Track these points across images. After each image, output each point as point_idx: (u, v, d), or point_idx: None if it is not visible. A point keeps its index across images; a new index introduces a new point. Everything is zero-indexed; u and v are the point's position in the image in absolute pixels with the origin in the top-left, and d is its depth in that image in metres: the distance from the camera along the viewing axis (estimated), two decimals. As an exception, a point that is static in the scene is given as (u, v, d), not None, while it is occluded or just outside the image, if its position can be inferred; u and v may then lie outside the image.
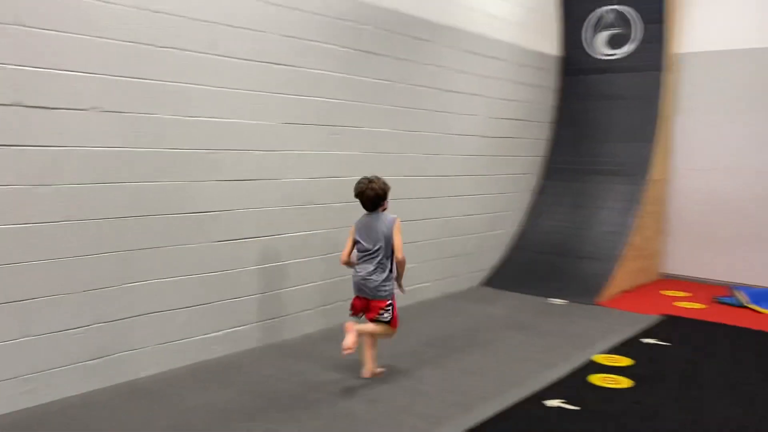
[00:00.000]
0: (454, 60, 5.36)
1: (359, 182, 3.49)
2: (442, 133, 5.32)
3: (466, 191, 5.66)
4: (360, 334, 3.43)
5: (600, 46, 6.51)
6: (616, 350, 4.13)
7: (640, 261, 6.19)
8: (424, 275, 5.29)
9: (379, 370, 3.56)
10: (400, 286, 3.61)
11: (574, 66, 6.68)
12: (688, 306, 5.42)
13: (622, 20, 6.33)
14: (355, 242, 3.53)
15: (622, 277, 5.82)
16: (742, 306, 5.38)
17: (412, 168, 5.06)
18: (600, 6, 6.40)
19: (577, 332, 4.53)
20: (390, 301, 3.51)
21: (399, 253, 3.47)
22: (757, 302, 5.34)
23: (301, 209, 4.23)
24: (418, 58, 5.01)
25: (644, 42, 6.26)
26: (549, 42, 6.61)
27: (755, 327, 4.78)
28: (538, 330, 4.56)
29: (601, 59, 6.53)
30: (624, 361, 3.91)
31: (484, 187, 5.89)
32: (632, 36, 6.32)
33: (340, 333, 3.44)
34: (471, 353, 4.02)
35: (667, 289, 6.06)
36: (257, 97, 3.89)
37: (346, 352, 3.29)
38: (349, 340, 3.31)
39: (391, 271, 3.51)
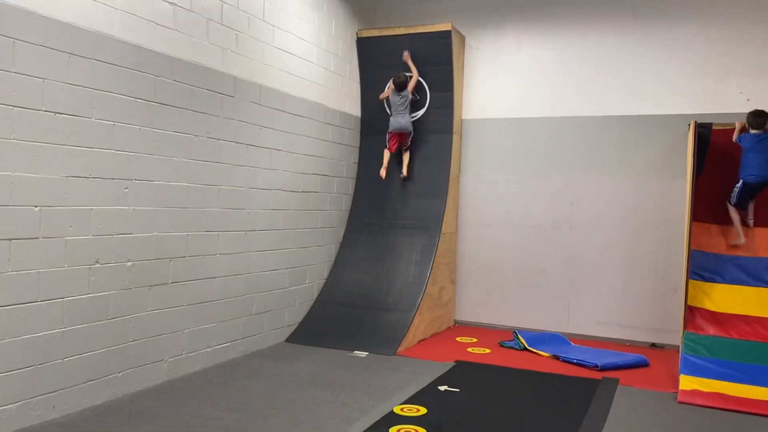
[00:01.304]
0: (258, 116, 5.39)
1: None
2: (245, 188, 5.27)
3: (270, 246, 5.64)
4: None
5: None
6: (413, 400, 4.30)
7: (437, 310, 6.60)
8: (226, 335, 5.12)
9: None
10: None
11: (374, 127, 7.07)
12: (478, 351, 5.86)
13: (417, 88, 6.87)
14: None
15: (420, 327, 6.15)
16: (523, 349, 5.95)
17: (213, 223, 4.93)
18: (394, 74, 6.85)
19: (377, 384, 4.66)
20: None
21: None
22: (533, 345, 5.94)
23: (87, 270, 3.89)
24: (221, 112, 4.96)
25: (436, 108, 6.84)
26: (351, 103, 6.95)
27: (532, 368, 5.31)
28: (340, 385, 4.61)
29: (398, 121, 6.98)
30: (421, 410, 4.09)
31: (289, 242, 5.91)
32: (425, 102, 6.87)
33: (122, 407, 3.18)
34: (274, 416, 3.94)
35: (461, 336, 6.51)
36: (37, 148, 3.56)
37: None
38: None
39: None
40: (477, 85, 7.18)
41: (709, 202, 5.83)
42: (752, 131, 5.53)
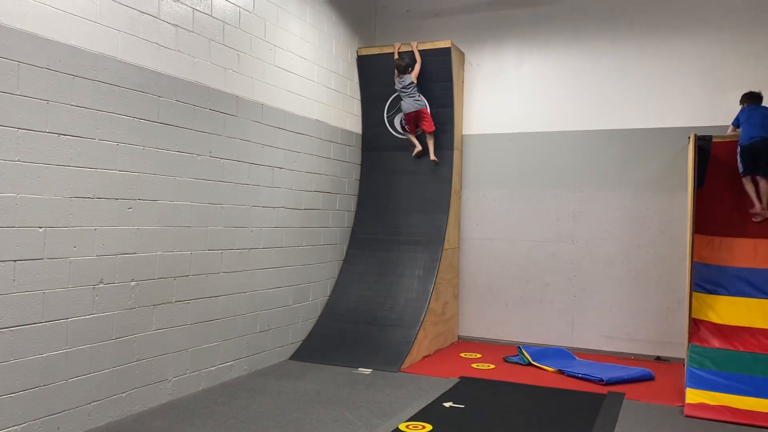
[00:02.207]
0: (260, 134, 5.43)
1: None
2: (248, 206, 5.29)
3: (274, 263, 5.65)
4: None
5: (398, 126, 7.02)
6: (418, 417, 4.29)
7: (440, 326, 6.58)
8: (230, 353, 5.11)
9: None
10: None
11: (375, 143, 7.11)
12: (482, 367, 5.84)
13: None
14: None
15: (424, 343, 6.13)
16: (527, 364, 5.92)
17: (217, 242, 4.94)
18: (394, 92, 6.91)
19: (382, 402, 4.64)
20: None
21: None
22: (538, 360, 5.91)
23: (91, 290, 3.90)
24: (223, 131, 4.99)
25: (436, 123, 6.87)
26: (352, 120, 6.99)
27: (537, 383, 5.28)
28: (344, 403, 4.59)
29: (400, 137, 7.03)
30: (426, 427, 4.07)
31: (292, 259, 5.92)
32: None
33: (127, 428, 3.17)
34: (277, 433, 3.92)
35: (465, 351, 6.49)
36: (41, 169, 3.58)
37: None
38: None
39: None
40: (477, 100, 7.23)
41: (710, 214, 5.83)
42: (744, 106, 5.72)
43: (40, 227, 3.59)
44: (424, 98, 6.74)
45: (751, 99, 5.73)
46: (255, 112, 5.36)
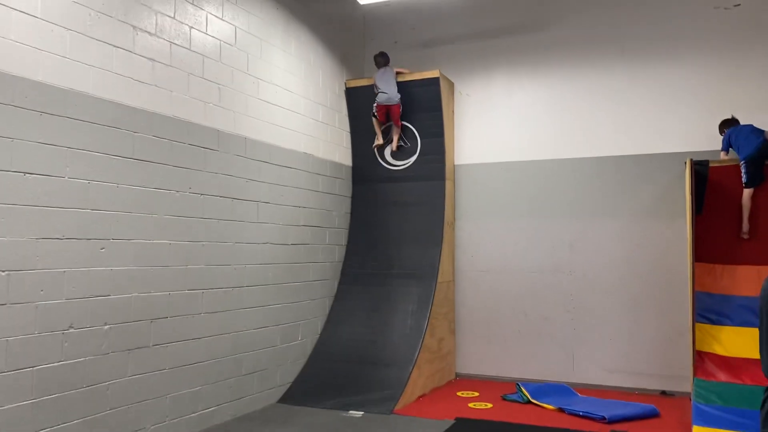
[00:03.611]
0: (244, 169, 5.28)
1: None
2: (231, 243, 5.11)
3: (260, 302, 5.44)
4: None
5: (387, 158, 6.88)
6: (409, 464, 4.04)
7: (436, 363, 6.34)
8: (213, 398, 4.87)
9: None
10: None
11: (366, 175, 6.96)
12: (479, 406, 5.59)
13: (407, 135, 6.79)
14: None
15: (419, 382, 5.88)
16: (526, 402, 5.66)
17: (197, 281, 4.75)
18: (384, 123, 6.80)
19: (372, 447, 4.39)
20: None
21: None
22: (537, 397, 5.66)
23: (60, 335, 3.69)
24: (204, 166, 4.84)
25: (427, 154, 6.74)
26: (341, 152, 6.85)
27: (537, 423, 5.03)
28: (332, 449, 4.35)
29: (390, 169, 6.89)
30: (417, 476, 3.82)
31: (280, 297, 5.71)
32: (416, 149, 6.78)
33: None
34: (258, 486, 3.68)
35: (462, 390, 6.23)
36: (6, 210, 3.42)
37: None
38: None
39: None
40: (469, 130, 7.10)
41: (710, 241, 5.65)
42: (727, 131, 5.79)
43: (3, 271, 3.41)
44: (397, 94, 6.66)
45: (730, 122, 5.84)
46: (238, 146, 5.22)
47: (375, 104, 6.69)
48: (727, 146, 5.71)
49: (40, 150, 3.61)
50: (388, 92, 6.58)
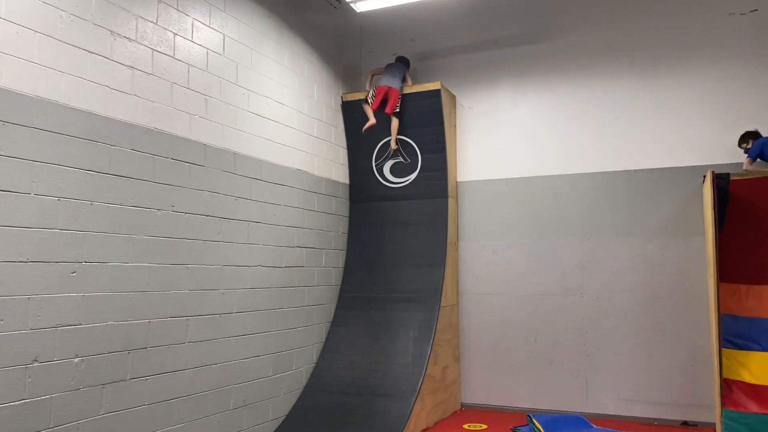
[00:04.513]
0: (233, 186, 4.92)
1: None
2: (218, 266, 4.73)
3: (250, 329, 5.04)
4: None
5: (387, 175, 6.54)
6: None
7: (440, 393, 5.92)
8: (198, 435, 4.46)
9: None
10: None
11: (364, 193, 6.62)
12: (488, 440, 5.17)
13: (407, 150, 6.46)
14: None
15: (422, 414, 5.47)
16: (538, 434, 5.24)
17: (181, 308, 4.36)
18: (383, 138, 6.48)
19: (372, 490, 3.97)
20: None
21: None
22: (550, 430, 5.23)
23: (22, 370, 3.30)
24: (189, 183, 4.48)
25: (428, 170, 6.40)
26: (338, 169, 6.51)
27: (552, 460, 4.62)
28: (329, 493, 3.93)
29: (389, 186, 6.54)
30: None
31: (272, 323, 5.32)
32: (417, 165, 6.44)
33: None
34: None
35: (469, 422, 5.81)
36: (-41, 229, 3.06)
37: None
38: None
39: None
40: (472, 145, 6.76)
41: (734, 260, 5.26)
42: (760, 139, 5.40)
43: (-44, 298, 3.03)
44: (401, 85, 6.40)
45: (754, 135, 5.46)
46: (226, 161, 4.87)
47: (372, 89, 6.38)
48: (757, 154, 5.30)
49: (1, 163, 3.25)
50: (392, 78, 6.36)
